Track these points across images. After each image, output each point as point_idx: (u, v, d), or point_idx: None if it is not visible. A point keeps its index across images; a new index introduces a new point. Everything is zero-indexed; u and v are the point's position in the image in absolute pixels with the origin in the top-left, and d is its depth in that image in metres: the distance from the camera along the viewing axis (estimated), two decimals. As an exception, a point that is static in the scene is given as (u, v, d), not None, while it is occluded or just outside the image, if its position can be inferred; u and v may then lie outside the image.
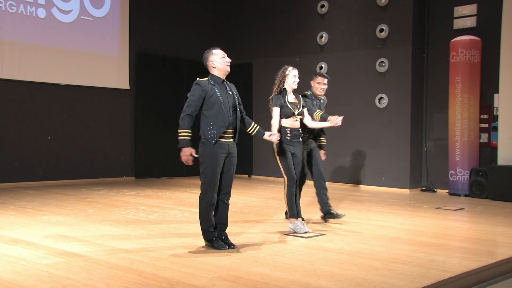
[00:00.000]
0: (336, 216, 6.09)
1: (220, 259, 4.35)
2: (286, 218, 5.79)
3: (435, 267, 4.18)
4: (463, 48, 8.92)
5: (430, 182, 9.74)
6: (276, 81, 5.62)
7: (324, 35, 10.70)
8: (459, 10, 9.40)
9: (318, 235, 5.36)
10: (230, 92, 4.78)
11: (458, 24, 9.40)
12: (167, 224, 5.91)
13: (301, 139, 5.62)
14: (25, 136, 9.44)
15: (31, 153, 9.50)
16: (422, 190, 9.67)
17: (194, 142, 4.65)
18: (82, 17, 10.08)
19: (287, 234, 5.39)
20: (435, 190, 9.57)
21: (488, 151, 9.07)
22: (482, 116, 9.11)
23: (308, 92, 6.26)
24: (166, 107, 11.13)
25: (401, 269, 4.11)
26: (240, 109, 4.81)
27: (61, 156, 9.89)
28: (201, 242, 4.99)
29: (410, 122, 9.64)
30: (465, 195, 8.93)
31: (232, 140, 4.74)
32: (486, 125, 9.10)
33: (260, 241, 5.08)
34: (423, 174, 9.86)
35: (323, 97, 6.41)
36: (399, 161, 9.71)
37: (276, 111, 5.49)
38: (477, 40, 8.97)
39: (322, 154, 6.35)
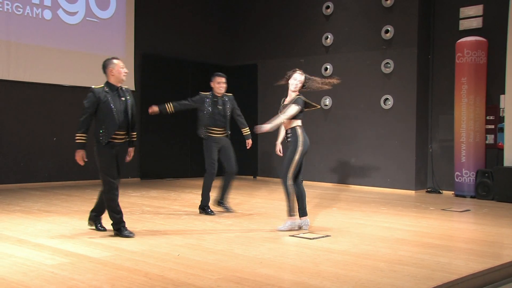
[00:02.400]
0: (227, 209, 6.97)
1: (225, 260, 4.35)
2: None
3: (440, 269, 4.17)
4: (469, 49, 8.89)
5: (435, 183, 9.71)
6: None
7: (329, 36, 10.69)
8: (465, 11, 9.37)
9: (323, 237, 5.36)
10: (123, 98, 5.31)
11: (464, 25, 9.37)
12: (172, 225, 5.92)
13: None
14: (31, 137, 9.47)
15: (36, 154, 9.53)
16: (427, 192, 9.64)
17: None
18: (87, 18, 10.11)
19: (293, 236, 5.39)
20: (440, 191, 9.54)
21: (494, 152, 9.03)
22: (488, 117, 9.06)
23: (207, 93, 6.91)
24: (171, 108, 11.13)
25: (406, 271, 4.10)
26: (131, 113, 5.34)
27: (67, 157, 9.87)
28: (207, 243, 5.00)
29: (415, 124, 9.61)
30: (471, 197, 8.89)
31: (123, 141, 5.31)
32: (492, 126, 9.06)
33: (265, 242, 5.08)
34: (429, 175, 9.83)
35: (230, 95, 7.01)
36: (404, 162, 9.69)
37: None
38: (483, 41, 8.94)
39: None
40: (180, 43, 11.57)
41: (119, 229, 5.25)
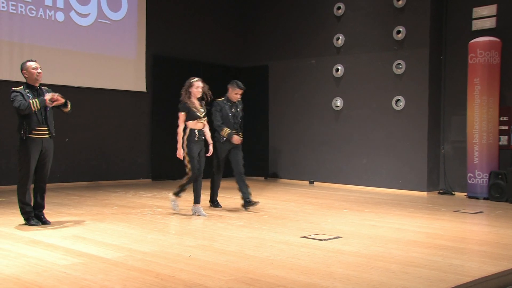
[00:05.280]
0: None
1: (236, 261, 4.35)
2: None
3: (453, 271, 4.14)
4: (482, 50, 8.82)
5: (448, 185, 9.64)
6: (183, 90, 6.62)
7: (340, 37, 10.66)
8: (478, 11, 9.29)
9: (334, 238, 5.34)
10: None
11: (477, 25, 9.29)
12: (184, 226, 5.93)
13: (203, 138, 6.74)
14: (44, 138, 9.54)
15: (49, 155, 9.59)
16: (439, 193, 9.58)
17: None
18: (99, 20, 10.18)
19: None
20: (453, 193, 9.47)
21: (507, 153, 8.95)
22: (501, 118, 8.99)
23: (221, 98, 7.31)
24: (183, 109, 11.17)
25: (418, 273, 4.07)
26: (50, 110, 5.86)
27: (79, 158, 9.98)
28: (218, 244, 5.00)
29: (427, 124, 9.55)
30: (484, 198, 8.82)
31: (46, 136, 5.81)
32: (506, 127, 8.98)
33: (276, 244, 5.07)
34: (441, 176, 9.76)
35: (239, 100, 7.44)
36: (416, 163, 9.63)
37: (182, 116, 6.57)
38: (496, 41, 8.86)
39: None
40: (192, 44, 11.60)
41: (28, 219, 5.74)
